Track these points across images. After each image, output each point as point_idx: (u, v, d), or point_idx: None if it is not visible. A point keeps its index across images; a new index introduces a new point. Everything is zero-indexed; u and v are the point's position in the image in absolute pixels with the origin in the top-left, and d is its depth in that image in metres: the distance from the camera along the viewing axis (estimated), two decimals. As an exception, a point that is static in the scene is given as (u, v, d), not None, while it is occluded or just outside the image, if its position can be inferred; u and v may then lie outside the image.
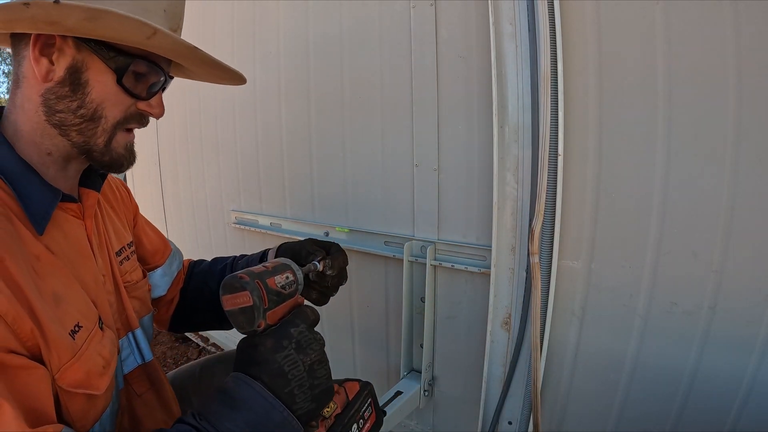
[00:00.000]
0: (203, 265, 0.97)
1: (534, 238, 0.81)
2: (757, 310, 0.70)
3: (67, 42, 0.56)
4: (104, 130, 0.60)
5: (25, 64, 0.58)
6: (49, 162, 0.61)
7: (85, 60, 0.57)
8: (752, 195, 0.68)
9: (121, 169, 0.64)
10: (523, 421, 0.92)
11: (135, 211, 0.87)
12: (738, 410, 0.74)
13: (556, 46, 0.76)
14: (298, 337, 0.57)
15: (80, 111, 0.58)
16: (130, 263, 0.77)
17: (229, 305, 0.55)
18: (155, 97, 0.63)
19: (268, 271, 0.59)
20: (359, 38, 1.07)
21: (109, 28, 0.53)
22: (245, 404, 0.51)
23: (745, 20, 0.64)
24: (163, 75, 0.63)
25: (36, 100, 0.58)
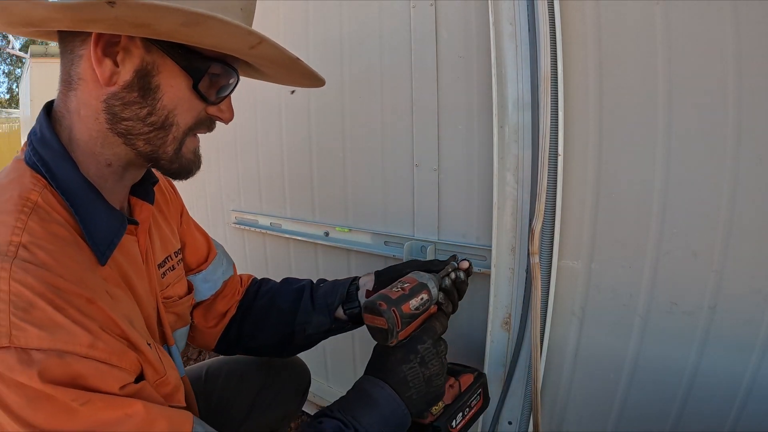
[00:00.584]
0: (272, 284, 0.90)
1: (534, 238, 0.81)
2: (757, 310, 0.70)
3: (134, 41, 0.49)
4: (175, 138, 0.55)
5: (81, 65, 0.51)
6: (108, 174, 0.55)
7: (156, 62, 0.51)
8: (752, 195, 0.68)
9: (189, 176, 0.60)
10: (523, 421, 0.92)
11: (181, 209, 0.81)
12: (738, 410, 0.74)
13: (556, 46, 0.76)
14: (423, 353, 0.66)
15: (150, 119, 0.52)
16: (174, 274, 0.72)
17: (368, 321, 0.66)
18: (225, 100, 0.59)
19: (405, 296, 0.67)
20: (359, 38, 1.07)
21: (208, 35, 0.48)
22: (379, 403, 0.61)
23: (745, 20, 0.64)
24: (236, 77, 0.58)
25: (96, 106, 0.51)
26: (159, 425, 0.45)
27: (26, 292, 0.42)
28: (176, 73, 0.52)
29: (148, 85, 0.51)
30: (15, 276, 0.42)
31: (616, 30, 0.74)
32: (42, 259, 0.44)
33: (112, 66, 0.49)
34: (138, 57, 0.50)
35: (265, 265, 1.45)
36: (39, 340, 0.41)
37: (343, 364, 1.33)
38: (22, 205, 0.47)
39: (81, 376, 0.43)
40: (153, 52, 0.51)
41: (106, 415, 0.43)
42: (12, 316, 0.41)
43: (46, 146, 0.52)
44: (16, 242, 0.44)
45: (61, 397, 0.41)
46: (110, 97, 0.51)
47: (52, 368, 0.41)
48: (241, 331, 0.85)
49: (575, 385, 0.90)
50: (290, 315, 0.83)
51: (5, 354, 0.41)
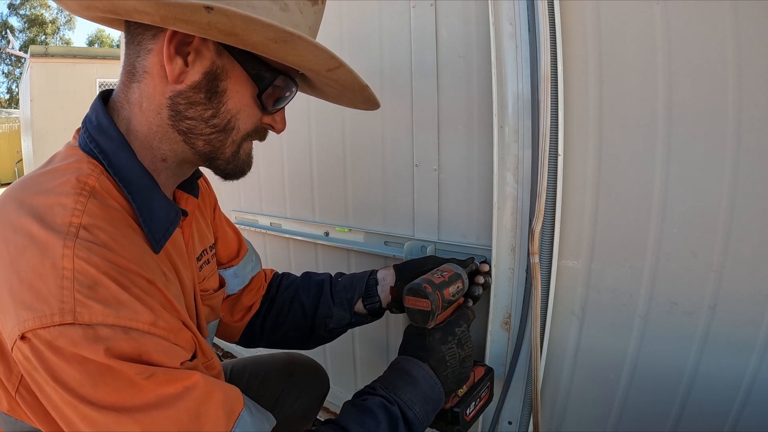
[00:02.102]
0: (293, 278, 0.92)
1: (534, 238, 0.81)
2: (757, 310, 0.70)
3: (206, 44, 0.50)
4: (234, 141, 0.56)
5: (149, 59, 0.51)
6: (162, 168, 0.56)
7: (225, 67, 0.52)
8: (752, 195, 0.68)
9: (241, 177, 0.61)
10: (523, 421, 0.92)
11: (214, 203, 0.81)
12: (738, 410, 0.74)
13: (556, 46, 0.76)
14: (460, 336, 0.71)
15: (213, 120, 0.53)
16: (209, 267, 0.73)
17: (410, 304, 0.70)
18: (280, 112, 0.61)
19: (445, 282, 0.72)
20: (359, 38, 1.07)
21: (293, 53, 0.49)
22: (418, 381, 0.65)
23: (745, 20, 0.64)
24: (295, 91, 0.59)
25: (160, 102, 0.52)
26: (216, 397, 0.47)
27: (91, 269, 0.43)
28: (243, 81, 0.53)
29: (216, 88, 0.52)
30: (79, 254, 0.43)
31: (616, 30, 0.74)
32: (103, 239, 0.45)
33: (182, 65, 0.50)
34: (209, 60, 0.51)
35: (265, 265, 1.45)
36: (104, 316, 0.42)
37: (344, 365, 1.33)
38: (80, 188, 0.47)
39: (146, 352, 0.43)
40: (224, 57, 0.51)
41: (167, 389, 0.44)
42: (76, 294, 0.41)
43: (104, 134, 0.52)
44: (76, 223, 0.44)
45: (126, 372, 0.42)
46: (176, 95, 0.51)
47: (119, 343, 0.42)
48: (264, 324, 0.87)
49: (575, 385, 0.90)
50: (311, 309, 0.85)
51: (69, 330, 0.41)
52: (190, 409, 0.44)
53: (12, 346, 0.43)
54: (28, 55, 6.05)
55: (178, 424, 0.43)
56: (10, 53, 11.13)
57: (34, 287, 0.42)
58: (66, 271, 0.42)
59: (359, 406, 0.61)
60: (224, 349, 1.83)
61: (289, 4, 0.51)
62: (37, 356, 0.42)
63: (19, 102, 9.05)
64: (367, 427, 0.57)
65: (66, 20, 20.69)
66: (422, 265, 0.83)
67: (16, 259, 0.43)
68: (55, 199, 0.46)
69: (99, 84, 6.22)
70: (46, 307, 0.41)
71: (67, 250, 0.42)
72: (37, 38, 19.58)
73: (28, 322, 0.41)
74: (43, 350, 0.41)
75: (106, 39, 22.71)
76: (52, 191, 0.47)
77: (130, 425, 0.42)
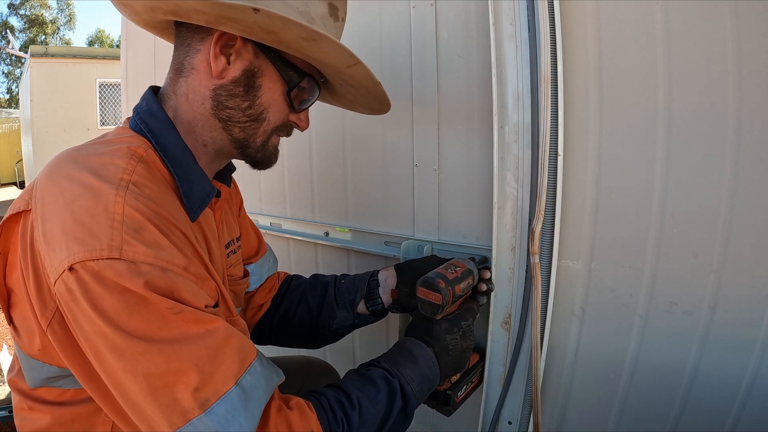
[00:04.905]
0: (302, 279, 0.96)
1: (534, 239, 0.81)
2: (757, 310, 0.70)
3: (246, 46, 0.59)
4: (264, 131, 0.64)
5: (197, 57, 0.60)
6: (202, 153, 0.64)
7: (261, 66, 0.61)
8: (752, 195, 0.68)
9: (269, 166, 0.69)
10: (523, 421, 0.92)
11: (240, 203, 0.88)
12: (738, 410, 0.74)
13: (556, 46, 0.76)
14: (465, 329, 0.77)
15: (249, 111, 0.62)
16: (235, 256, 0.79)
17: (421, 295, 0.74)
18: (304, 111, 0.69)
19: (458, 278, 0.76)
20: (359, 38, 1.07)
21: (320, 51, 0.58)
22: (419, 361, 0.70)
23: (745, 20, 0.64)
24: (318, 93, 0.68)
25: (205, 93, 0.60)
26: (233, 343, 0.51)
27: (138, 216, 0.48)
28: (276, 79, 0.62)
29: (253, 83, 0.61)
30: (129, 202, 0.49)
31: (616, 30, 0.74)
32: (149, 194, 0.51)
33: (224, 63, 0.59)
34: (247, 60, 0.60)
35: (265, 265, 1.45)
36: (146, 255, 0.47)
37: (344, 364, 1.33)
38: (131, 154, 0.54)
39: (177, 290, 0.49)
40: (260, 59, 0.60)
41: (192, 327, 0.49)
42: (125, 234, 0.47)
43: (154, 117, 0.60)
44: (127, 179, 0.50)
45: (160, 305, 0.47)
46: (218, 88, 0.60)
47: (157, 279, 0.47)
48: (273, 323, 0.91)
49: (575, 385, 0.90)
50: (316, 310, 0.89)
51: (115, 264, 0.46)
52: (210, 348, 0.49)
53: (57, 278, 0.47)
54: (28, 55, 6.04)
55: (197, 360, 0.48)
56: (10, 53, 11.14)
57: (86, 225, 0.47)
58: (117, 215, 0.47)
59: (362, 374, 0.67)
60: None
61: (315, 18, 0.60)
62: (82, 285, 0.46)
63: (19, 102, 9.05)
64: (367, 393, 0.63)
65: (66, 20, 20.69)
66: (424, 265, 0.85)
67: (71, 202, 0.48)
68: (108, 160, 0.52)
69: (99, 84, 6.21)
70: (96, 243, 0.46)
71: (119, 197, 0.48)
72: (37, 38, 19.58)
73: (79, 254, 0.46)
74: (88, 280, 0.46)
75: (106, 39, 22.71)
76: (106, 154, 0.53)
77: (155, 355, 0.46)
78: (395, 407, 0.64)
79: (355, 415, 0.60)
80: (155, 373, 0.46)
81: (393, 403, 0.64)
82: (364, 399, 0.62)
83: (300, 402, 0.58)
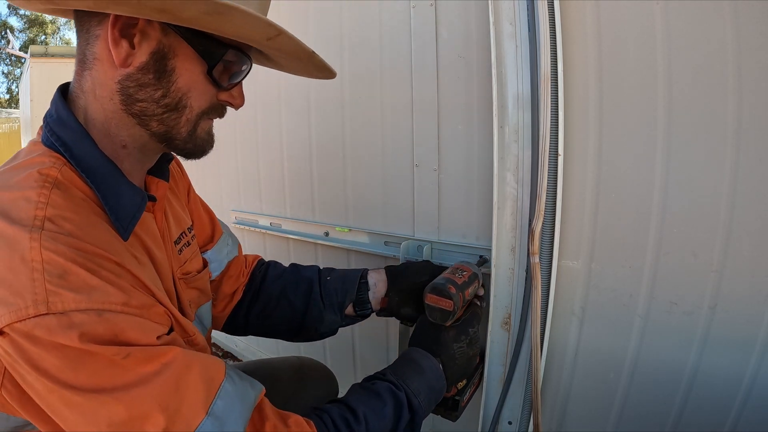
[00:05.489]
0: (279, 269, 0.90)
1: (534, 238, 0.81)
2: (757, 310, 0.70)
3: (151, 24, 0.50)
4: (188, 120, 0.56)
5: (97, 45, 0.51)
6: (124, 156, 0.56)
7: (173, 45, 0.51)
8: (752, 195, 0.68)
9: (203, 155, 0.61)
10: (523, 421, 0.92)
11: (188, 187, 0.81)
12: (738, 410, 0.74)
13: (556, 46, 0.76)
14: (472, 336, 0.75)
15: (164, 100, 0.53)
16: (189, 249, 0.73)
17: (431, 302, 0.72)
18: (237, 87, 0.60)
19: (466, 283, 0.75)
20: (359, 38, 1.07)
21: (229, 24, 0.49)
22: (426, 372, 0.68)
23: (745, 20, 0.64)
24: (249, 65, 0.58)
25: (111, 87, 0.52)
26: (195, 369, 0.48)
27: (59, 259, 0.43)
28: (192, 58, 0.53)
29: (164, 67, 0.52)
30: (46, 245, 0.43)
31: (616, 30, 0.74)
32: (68, 228, 0.46)
33: (128, 47, 0.50)
34: (155, 40, 0.50)
35: (265, 265, 1.45)
36: (76, 302, 0.43)
37: (344, 364, 1.33)
38: (42, 181, 0.48)
39: (121, 331, 0.44)
40: (170, 36, 0.51)
41: (146, 367, 0.45)
42: (47, 284, 0.42)
43: (64, 126, 0.53)
44: (41, 216, 0.45)
45: (104, 353, 0.43)
46: (125, 78, 0.51)
47: (94, 326, 0.43)
48: (249, 315, 0.86)
49: (575, 385, 0.90)
50: (301, 308, 0.85)
51: (44, 320, 0.42)
52: (170, 383, 0.45)
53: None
54: (28, 55, 6.04)
55: (159, 400, 0.44)
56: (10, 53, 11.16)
57: (6, 282, 0.43)
58: (35, 263, 0.43)
59: (367, 388, 0.64)
60: (224, 350, 1.83)
61: None
62: (17, 349, 0.42)
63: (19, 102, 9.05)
64: (373, 407, 0.60)
65: (66, 20, 20.70)
66: (417, 273, 0.83)
67: None
68: (18, 194, 0.46)
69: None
70: (20, 301, 0.42)
71: (33, 242, 0.43)
72: (37, 38, 19.58)
73: (4, 317, 0.42)
74: (21, 342, 0.42)
75: (106, 39, 22.66)
76: (15, 186, 0.47)
77: (113, 405, 0.43)
78: (402, 421, 0.61)
79: (362, 431, 0.57)
80: (118, 421, 0.43)
81: (400, 417, 0.61)
82: (370, 414, 0.59)
83: (299, 420, 0.54)
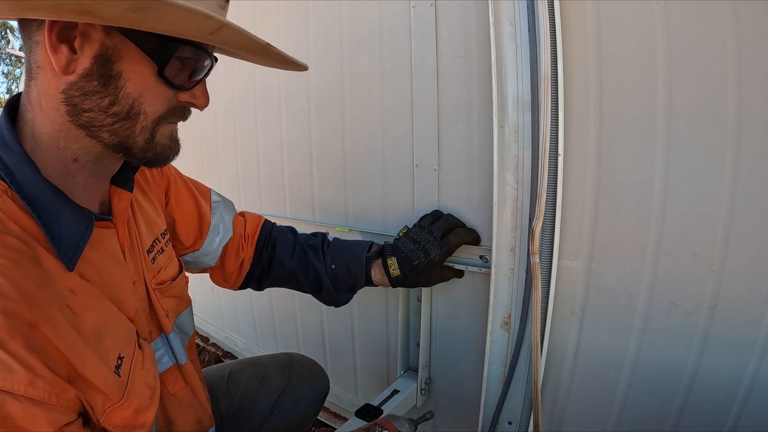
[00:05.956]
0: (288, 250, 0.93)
1: (534, 238, 0.81)
2: (757, 310, 0.70)
3: (93, 25, 0.45)
4: (144, 128, 0.50)
5: (39, 52, 0.46)
6: (76, 170, 0.51)
7: (117, 46, 0.46)
8: (752, 195, 0.68)
9: (166, 163, 0.56)
10: (523, 421, 0.92)
11: (166, 186, 0.76)
12: (738, 410, 0.74)
13: (556, 46, 0.76)
14: None
15: (113, 109, 0.48)
16: (164, 256, 0.69)
17: None
18: (199, 85, 0.54)
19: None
20: (359, 38, 1.07)
21: (160, 20, 0.43)
22: None
23: (745, 20, 0.64)
24: (210, 59, 0.53)
25: (56, 97, 0.47)
26: None
27: None
28: (139, 59, 0.47)
29: (109, 72, 0.46)
30: None
31: (616, 30, 0.74)
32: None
33: (68, 53, 0.45)
34: (97, 42, 0.45)
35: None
36: None
37: (344, 364, 1.33)
38: None
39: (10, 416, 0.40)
40: (113, 36, 0.46)
41: None
42: None
43: (6, 148, 0.48)
44: None
45: None
46: (69, 87, 0.46)
47: None
48: (261, 286, 0.95)
49: (575, 385, 0.90)
50: (312, 289, 0.93)
51: None
52: None
53: None
54: (28, 55, 6.04)
55: None
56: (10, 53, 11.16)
57: None
58: None
59: None
60: (224, 350, 1.83)
61: None
62: None
63: (19, 102, 9.03)
64: None
65: (66, 20, 20.62)
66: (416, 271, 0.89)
67: None
68: None
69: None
70: None
71: None
72: (37, 38, 19.53)
73: None
74: None
75: (106, 39, 22.63)
76: None
77: None
78: None
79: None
80: None
81: None
82: None
83: None
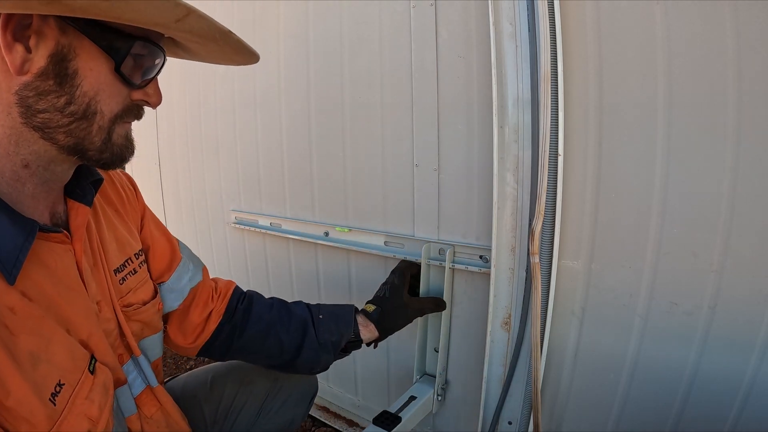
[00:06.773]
0: (263, 307, 0.85)
1: (534, 238, 0.81)
2: (757, 310, 0.70)
3: (47, 22, 0.44)
4: (100, 128, 0.50)
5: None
6: (26, 176, 0.49)
7: (73, 44, 0.45)
8: (752, 195, 0.68)
9: (123, 164, 0.55)
10: (523, 421, 0.92)
11: (143, 211, 0.75)
12: (738, 410, 0.74)
13: (556, 46, 0.76)
14: None
15: (69, 108, 0.47)
16: (135, 278, 0.66)
17: None
18: (152, 83, 0.54)
19: None
20: (359, 38, 1.07)
21: (129, 8, 0.42)
22: None
23: (745, 20, 0.64)
24: (162, 57, 0.53)
25: (8, 99, 0.45)
26: None
27: None
28: (96, 55, 0.47)
29: (65, 70, 0.45)
30: None
31: (616, 30, 0.74)
32: None
33: (23, 52, 0.43)
34: (52, 40, 0.44)
35: (265, 265, 1.45)
36: None
37: (344, 365, 1.33)
38: None
39: None
40: (69, 34, 0.45)
41: None
42: None
43: None
44: None
45: None
46: (23, 88, 0.45)
47: None
48: (229, 350, 0.82)
49: (575, 385, 0.90)
50: (293, 348, 0.82)
51: None
52: None
53: None
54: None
55: None
56: (10, 53, 11.08)
57: None
58: None
59: None
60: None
61: None
62: None
63: (19, 102, 8.99)
64: None
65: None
66: (400, 318, 0.89)
67: None
68: None
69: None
70: None
71: None
72: (37, 38, 19.53)
73: None
74: None
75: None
76: None
77: None
78: None
79: None
80: None
81: None
82: None
83: None
